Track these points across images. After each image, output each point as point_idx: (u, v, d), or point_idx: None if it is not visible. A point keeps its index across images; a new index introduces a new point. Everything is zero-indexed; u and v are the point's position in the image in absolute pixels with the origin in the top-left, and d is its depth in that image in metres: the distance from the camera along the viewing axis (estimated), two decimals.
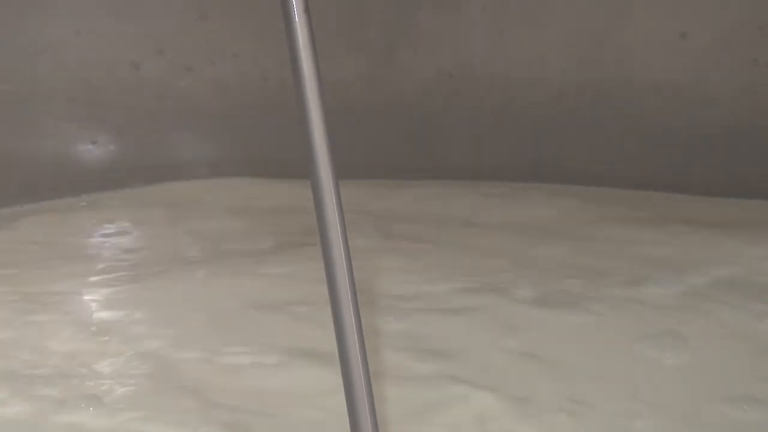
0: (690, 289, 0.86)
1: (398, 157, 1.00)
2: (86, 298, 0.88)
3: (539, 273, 0.87)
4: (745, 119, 0.95)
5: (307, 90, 0.43)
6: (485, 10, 0.99)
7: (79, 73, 0.99)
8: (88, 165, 1.02)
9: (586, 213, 0.99)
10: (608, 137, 0.99)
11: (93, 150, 1.02)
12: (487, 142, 1.01)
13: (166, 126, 1.00)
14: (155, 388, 0.74)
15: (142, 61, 0.99)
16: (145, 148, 1.03)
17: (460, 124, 1.00)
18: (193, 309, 0.83)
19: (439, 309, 0.84)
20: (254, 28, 0.97)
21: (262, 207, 1.01)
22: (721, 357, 0.76)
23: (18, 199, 1.00)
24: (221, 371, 0.75)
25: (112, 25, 0.98)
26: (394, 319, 0.81)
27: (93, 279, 0.92)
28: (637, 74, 0.98)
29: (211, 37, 1.00)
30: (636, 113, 0.98)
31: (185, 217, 1.02)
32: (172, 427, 0.69)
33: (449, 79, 1.00)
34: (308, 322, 0.77)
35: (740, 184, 0.95)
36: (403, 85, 1.01)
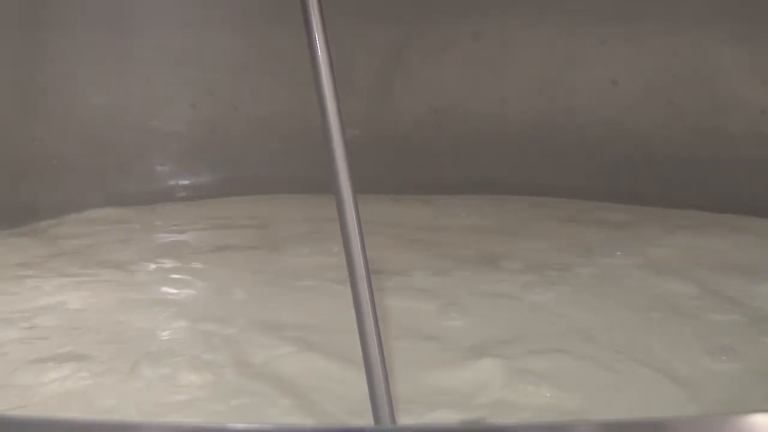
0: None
1: (397, 177, 1.04)
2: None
3: (526, 253, 0.91)
4: (661, 147, 1.01)
5: (332, 125, 0.55)
6: (462, 59, 1.03)
7: (150, 111, 1.02)
8: (160, 181, 1.04)
9: (536, 213, 1.03)
10: (558, 158, 1.03)
11: (163, 170, 1.04)
12: (465, 163, 1.05)
13: (216, 152, 1.05)
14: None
15: (197, 102, 1.03)
16: (198, 169, 1.05)
17: (444, 151, 1.05)
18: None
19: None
20: (287, 74, 1.00)
21: (295, 216, 1.01)
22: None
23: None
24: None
25: (174, 73, 1.03)
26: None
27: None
28: (581, 111, 1.02)
29: (252, 82, 1.03)
30: (580, 141, 1.03)
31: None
32: None
33: (435, 115, 1.05)
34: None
35: (661, 194, 1.01)
36: (397, 120, 1.05)
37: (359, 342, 0.54)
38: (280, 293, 0.87)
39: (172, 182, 1.04)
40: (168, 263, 0.93)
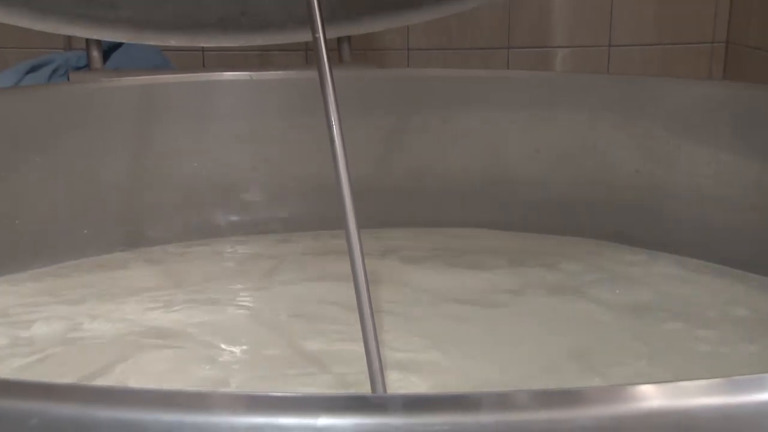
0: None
1: (383, 215, 1.00)
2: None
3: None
4: (567, 193, 0.99)
5: (342, 179, 0.58)
6: (434, 135, 1.01)
7: (225, 171, 0.99)
8: (229, 220, 1.00)
9: (476, 240, 0.99)
10: (500, 206, 1.01)
11: (230, 214, 1.00)
12: (433, 205, 1.02)
13: (268, 200, 1.01)
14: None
15: (257, 166, 1.00)
16: (255, 211, 1.00)
17: (421, 196, 1.02)
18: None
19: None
20: (315, 146, 0.91)
21: (317, 245, 0.97)
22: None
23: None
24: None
25: (240, 146, 0.99)
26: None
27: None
28: (515, 173, 1.01)
29: (292, 152, 1.00)
30: (513, 196, 1.01)
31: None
32: None
33: (416, 171, 1.02)
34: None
35: (561, 225, 0.98)
36: (388, 175, 1.02)
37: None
38: None
39: (234, 219, 1.01)
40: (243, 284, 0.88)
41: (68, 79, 1.16)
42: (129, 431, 0.31)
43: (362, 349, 0.54)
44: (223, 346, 0.74)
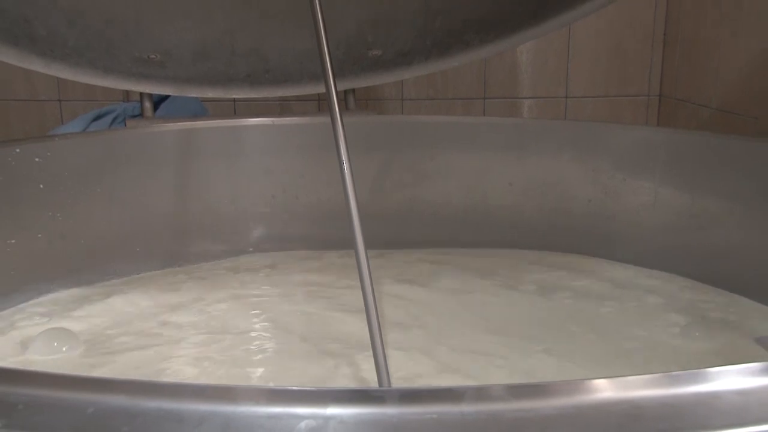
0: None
1: (384, 236, 0.98)
2: None
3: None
4: (535, 222, 0.98)
5: (352, 205, 0.59)
6: (423, 172, 1.00)
7: (250, 199, 0.99)
8: (253, 238, 0.99)
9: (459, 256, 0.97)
10: (478, 229, 1.00)
11: (256, 233, 0.99)
12: (423, 229, 1.01)
13: (285, 223, 1.00)
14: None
15: (276, 194, 0.99)
16: (273, 232, 0.99)
17: (412, 221, 1.01)
18: None
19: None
20: (326, 178, 0.98)
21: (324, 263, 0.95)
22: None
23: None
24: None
25: (263, 178, 0.99)
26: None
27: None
28: (491, 202, 1.00)
29: (306, 183, 0.99)
30: (489, 221, 1.00)
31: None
32: None
33: (407, 201, 1.01)
34: None
35: (531, 244, 0.97)
36: (385, 203, 1.00)
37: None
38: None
39: (258, 237, 1.00)
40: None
41: (125, 126, 1.15)
42: (169, 419, 0.30)
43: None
44: (266, 334, 0.75)
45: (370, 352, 0.54)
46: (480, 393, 0.31)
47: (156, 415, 0.30)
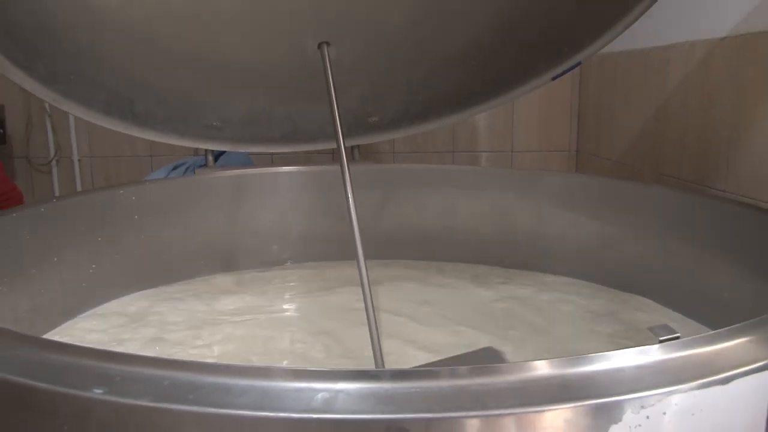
0: None
1: (382, 251, 0.96)
2: None
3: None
4: (493, 242, 0.95)
5: (355, 229, 0.60)
6: (415, 205, 0.98)
7: (273, 233, 0.95)
8: (281, 256, 0.97)
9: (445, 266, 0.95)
10: (450, 247, 0.97)
11: (290, 249, 0.96)
12: (415, 247, 0.97)
13: (305, 243, 0.97)
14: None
15: (302, 221, 0.97)
16: (294, 250, 0.96)
17: (404, 241, 0.98)
18: None
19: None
20: (335, 212, 0.88)
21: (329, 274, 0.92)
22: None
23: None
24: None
25: (290, 210, 0.97)
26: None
27: None
28: (459, 228, 0.96)
29: (318, 219, 0.97)
30: (458, 241, 0.96)
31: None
32: None
33: (399, 229, 0.98)
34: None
35: (498, 261, 0.94)
36: (382, 227, 0.98)
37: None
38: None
39: (287, 255, 0.96)
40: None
41: (195, 173, 1.12)
42: (220, 390, 0.30)
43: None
44: (292, 328, 0.73)
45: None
46: (452, 372, 0.30)
47: (211, 387, 0.31)
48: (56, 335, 0.69)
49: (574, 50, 0.82)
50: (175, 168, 1.23)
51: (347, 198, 0.60)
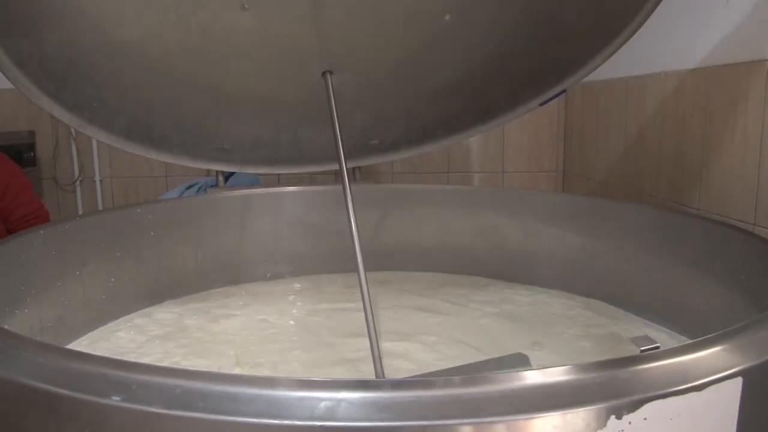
0: None
1: (378, 265, 0.95)
2: None
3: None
4: (485, 255, 0.94)
5: (357, 248, 0.60)
6: (411, 221, 0.97)
7: (276, 256, 0.96)
8: (282, 274, 0.96)
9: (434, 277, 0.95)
10: (445, 260, 0.96)
11: (292, 263, 0.95)
12: (411, 260, 0.98)
13: (306, 257, 0.96)
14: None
15: (306, 236, 0.95)
16: (296, 263, 0.95)
17: (398, 257, 0.98)
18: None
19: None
20: (336, 229, 0.88)
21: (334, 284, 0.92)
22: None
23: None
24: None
25: (296, 227, 0.95)
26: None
27: None
28: (453, 242, 0.95)
29: (314, 238, 0.96)
30: (452, 255, 0.96)
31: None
32: None
33: (394, 244, 0.98)
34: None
35: (483, 273, 0.94)
36: (380, 244, 0.97)
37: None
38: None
39: (290, 269, 0.95)
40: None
41: (206, 192, 1.12)
42: (229, 398, 0.30)
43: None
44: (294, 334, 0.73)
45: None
46: (447, 382, 0.30)
47: (220, 395, 0.30)
48: (78, 345, 0.70)
49: (560, 79, 0.83)
50: (188, 188, 1.23)
51: (349, 215, 0.60)
